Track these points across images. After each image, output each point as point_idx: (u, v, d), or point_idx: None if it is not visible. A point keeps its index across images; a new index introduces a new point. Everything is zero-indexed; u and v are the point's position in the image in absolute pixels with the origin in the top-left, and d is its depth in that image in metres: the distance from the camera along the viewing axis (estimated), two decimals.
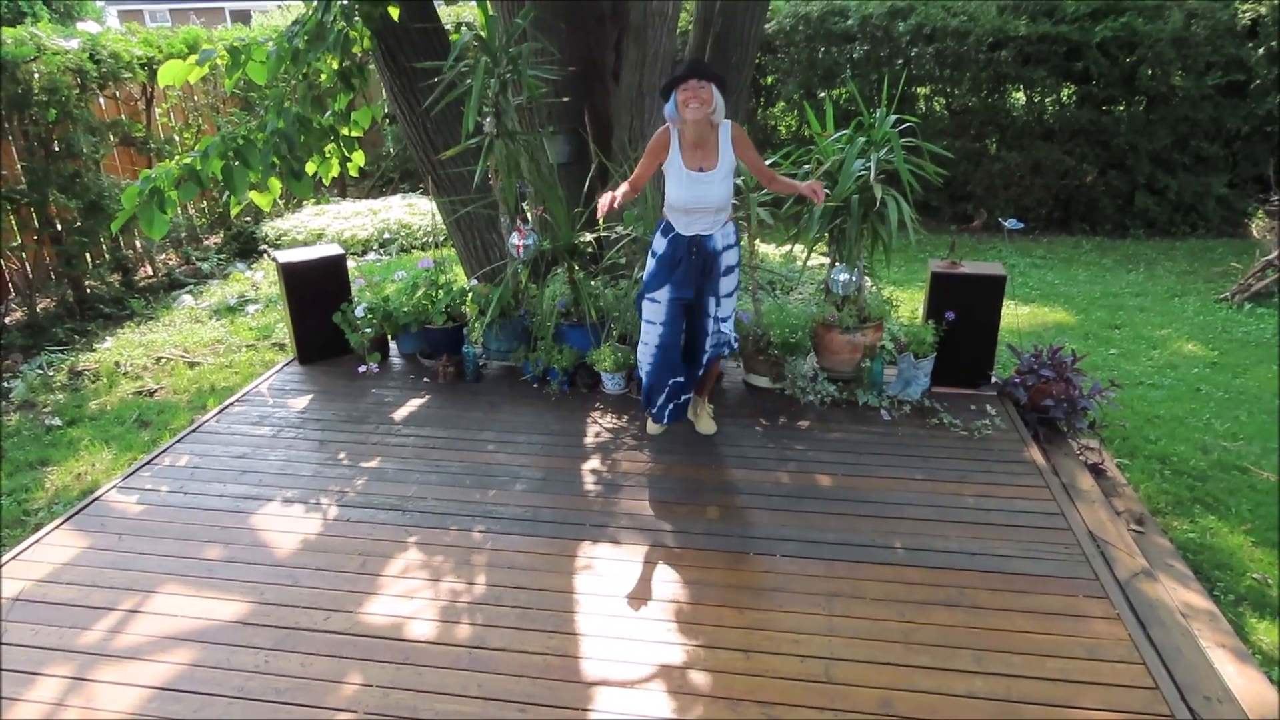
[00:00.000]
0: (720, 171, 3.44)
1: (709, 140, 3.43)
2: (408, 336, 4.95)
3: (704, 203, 3.44)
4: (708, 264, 3.58)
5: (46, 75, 6.19)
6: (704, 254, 3.56)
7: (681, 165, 3.43)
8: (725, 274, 3.64)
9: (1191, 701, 2.41)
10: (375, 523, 3.34)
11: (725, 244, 3.60)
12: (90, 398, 5.25)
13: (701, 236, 3.53)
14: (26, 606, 2.89)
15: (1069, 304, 6.59)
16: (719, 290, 3.65)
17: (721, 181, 3.45)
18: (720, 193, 3.46)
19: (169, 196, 4.10)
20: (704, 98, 3.29)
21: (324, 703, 2.44)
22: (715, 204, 3.46)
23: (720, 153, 3.44)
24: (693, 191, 3.43)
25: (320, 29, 4.29)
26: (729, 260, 3.63)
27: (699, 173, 3.42)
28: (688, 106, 3.29)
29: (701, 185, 3.43)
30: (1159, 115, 8.28)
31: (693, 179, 3.42)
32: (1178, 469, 4.16)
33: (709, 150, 3.44)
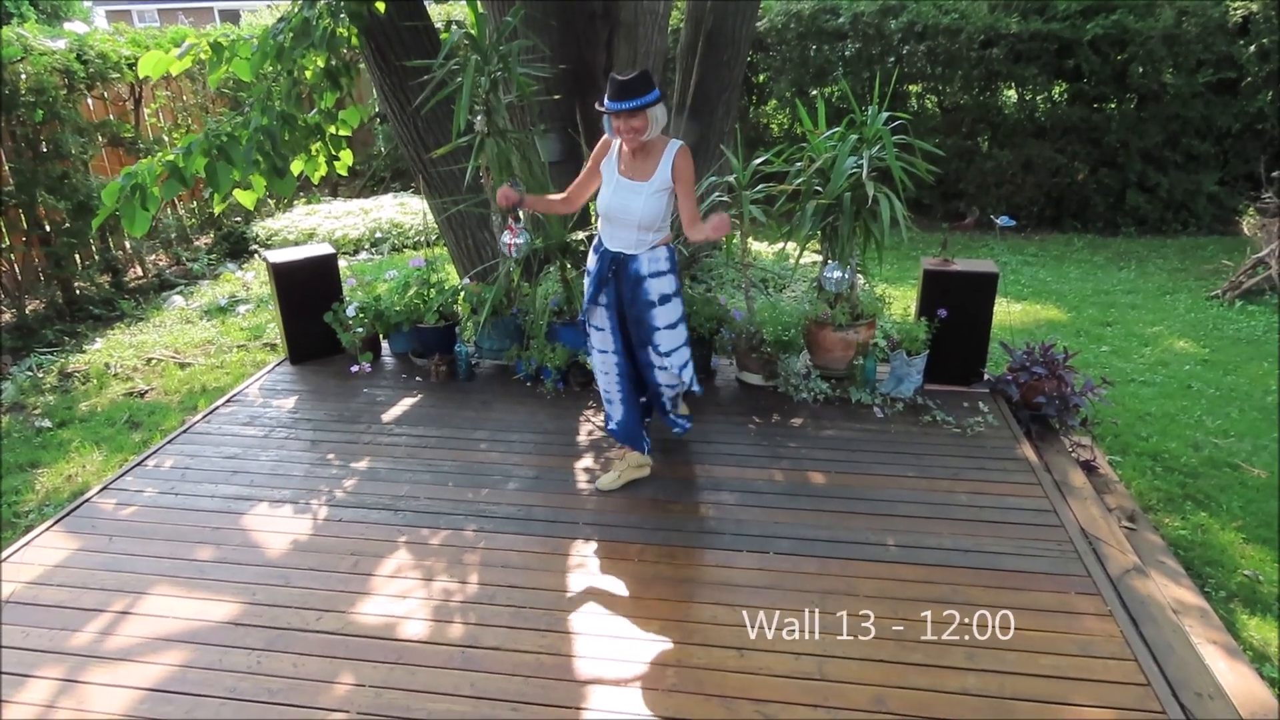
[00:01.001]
0: (651, 185, 3.14)
1: (651, 154, 3.17)
2: (400, 336, 4.94)
3: (627, 213, 3.17)
4: (631, 290, 3.27)
5: (34, 76, 6.15)
6: (626, 277, 3.26)
7: (615, 169, 3.23)
8: (659, 304, 3.27)
9: (1183, 698, 2.42)
10: (367, 522, 3.33)
11: (652, 270, 3.24)
12: (80, 399, 5.22)
13: (624, 256, 3.25)
14: (18, 608, 2.87)
15: (1061, 301, 6.61)
16: (651, 321, 3.29)
17: (650, 196, 3.14)
18: (646, 207, 3.14)
19: (152, 193, 4.07)
20: (637, 127, 3.03)
21: (316, 703, 2.43)
22: (638, 218, 3.16)
23: (658, 169, 3.15)
24: (618, 198, 3.18)
25: (305, 25, 4.27)
26: (660, 289, 3.26)
27: (630, 181, 3.17)
28: (621, 135, 3.10)
29: (628, 194, 3.16)
30: (1150, 113, 8.31)
31: (620, 185, 3.19)
32: (1169, 466, 4.18)
33: (648, 163, 3.16)
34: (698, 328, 4.45)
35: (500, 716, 2.38)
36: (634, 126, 3.02)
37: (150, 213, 4.13)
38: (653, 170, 3.15)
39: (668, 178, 3.14)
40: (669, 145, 3.15)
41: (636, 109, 3.00)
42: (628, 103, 2.98)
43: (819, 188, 4.20)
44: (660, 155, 3.15)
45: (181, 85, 8.37)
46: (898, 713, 2.37)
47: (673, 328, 3.31)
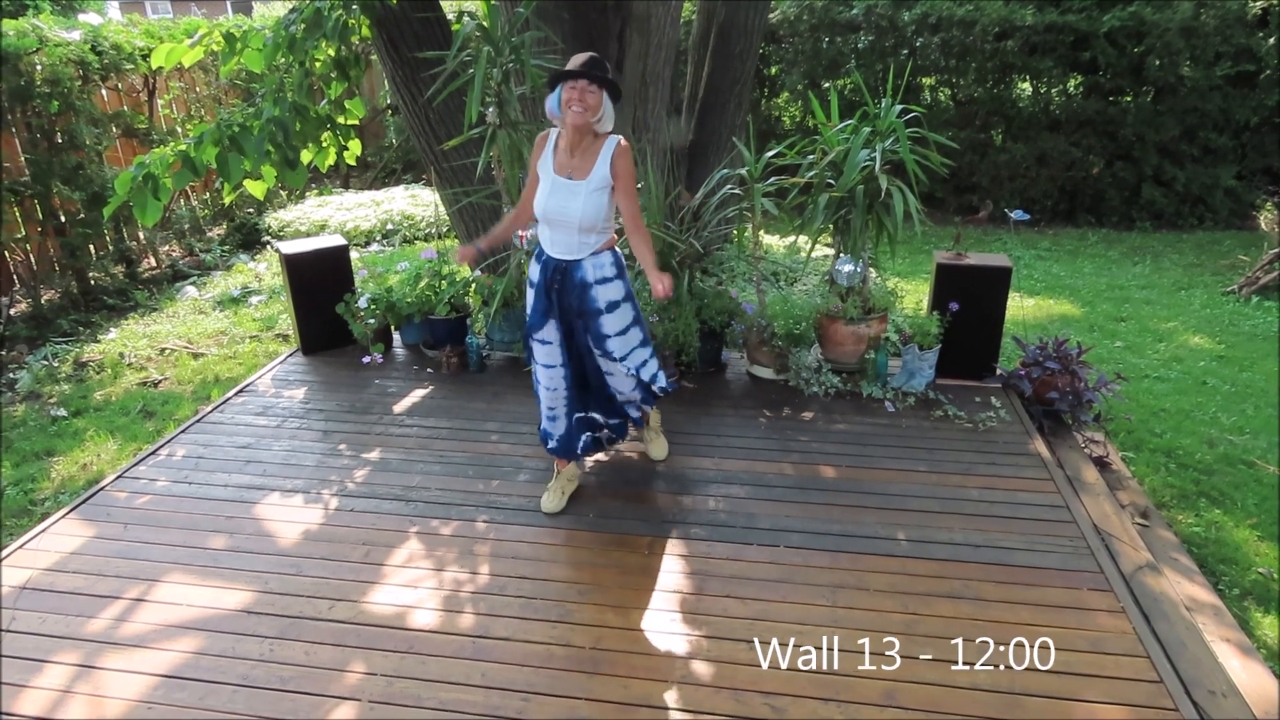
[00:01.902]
0: (590, 184, 2.96)
1: (589, 150, 2.99)
2: (411, 327, 4.95)
3: (565, 214, 2.98)
4: (577, 298, 3.09)
5: (49, 67, 6.18)
6: (570, 284, 3.07)
7: (550, 169, 3.02)
8: (606, 311, 3.10)
9: (1195, 695, 2.40)
10: (379, 513, 3.34)
11: (598, 276, 3.07)
12: (95, 388, 5.25)
13: (567, 263, 3.06)
14: (34, 595, 2.90)
15: (1074, 296, 6.57)
16: (598, 330, 3.11)
17: (590, 195, 2.95)
18: (586, 207, 2.96)
19: (163, 183, 4.09)
20: (590, 103, 2.85)
21: (328, 691, 2.45)
22: (578, 219, 2.97)
23: (596, 166, 2.97)
24: (555, 199, 2.98)
25: (317, 16, 4.28)
26: (607, 295, 3.08)
27: (567, 180, 2.98)
28: (570, 107, 2.85)
29: (564, 194, 2.97)
30: (1167, 106, 8.23)
31: (558, 185, 2.98)
32: (1183, 462, 4.15)
33: (585, 160, 2.98)
34: (709, 320, 4.44)
35: (510, 706, 2.39)
36: (588, 102, 2.85)
37: (162, 202, 4.15)
38: (591, 167, 2.97)
39: (607, 175, 2.97)
40: (608, 140, 2.99)
41: (597, 80, 2.85)
42: (594, 71, 2.84)
43: (831, 181, 4.18)
44: (599, 152, 2.98)
45: (195, 77, 8.40)
46: (908, 707, 2.37)
47: (623, 334, 3.15)
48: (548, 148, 3.06)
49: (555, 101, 2.94)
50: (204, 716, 2.38)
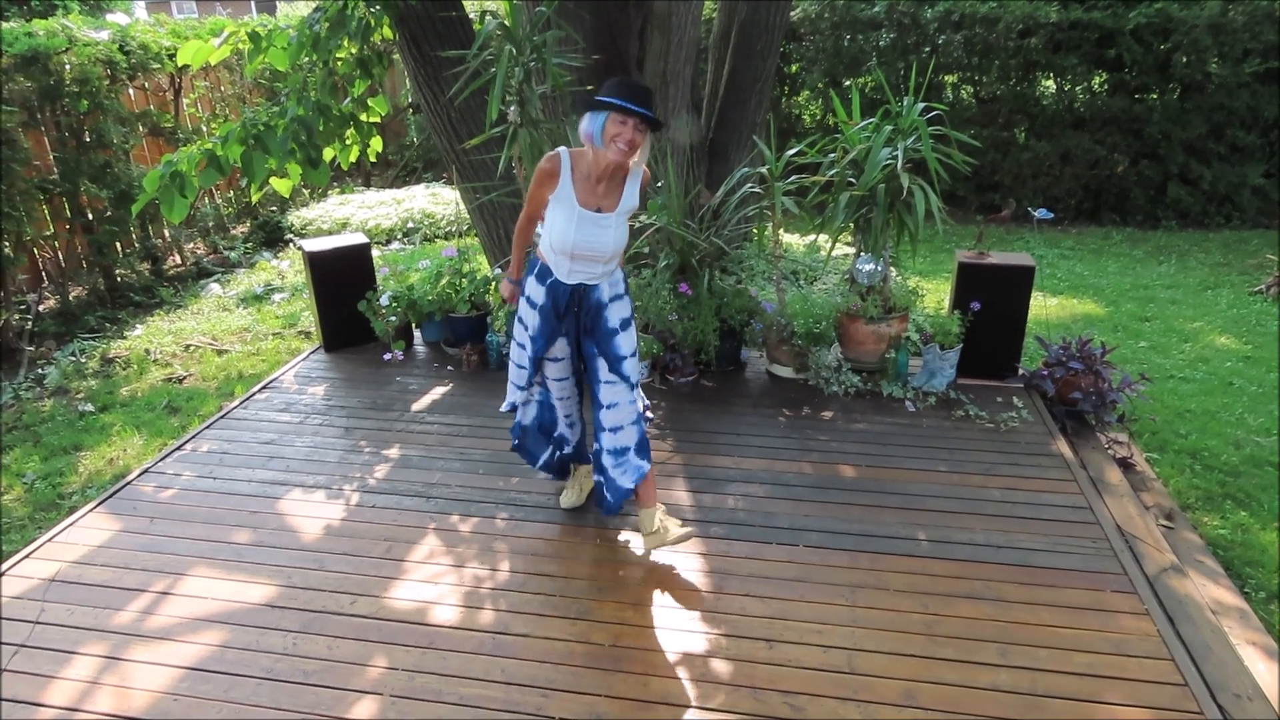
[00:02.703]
0: (620, 216, 2.81)
1: (616, 179, 2.79)
2: (432, 325, 4.98)
3: (596, 249, 2.78)
4: (592, 320, 2.93)
5: (78, 67, 6.27)
6: (587, 307, 2.92)
7: (574, 201, 2.76)
8: (621, 330, 2.94)
9: (1221, 699, 2.38)
10: (400, 509, 3.37)
11: (613, 294, 2.93)
12: (121, 384, 5.33)
13: (585, 287, 2.89)
14: (62, 587, 2.95)
15: (1098, 295, 6.50)
16: (614, 351, 2.93)
17: (619, 226, 2.82)
18: (617, 239, 2.81)
19: (190, 181, 4.14)
20: (638, 143, 2.67)
21: (350, 685, 2.48)
22: (609, 251, 2.81)
23: (624, 195, 2.81)
24: (584, 234, 2.76)
25: (341, 15, 4.31)
26: (620, 313, 2.94)
27: (596, 213, 2.76)
28: (615, 143, 2.62)
29: (596, 229, 2.76)
30: (1194, 104, 8.12)
31: (587, 220, 2.75)
32: (1209, 464, 4.10)
33: (612, 190, 2.79)
34: (728, 319, 4.44)
35: (530, 702, 2.40)
36: (636, 142, 2.65)
37: (189, 200, 4.20)
38: (619, 197, 2.80)
39: (635, 204, 2.84)
40: (633, 171, 2.83)
41: (649, 122, 2.64)
42: (647, 110, 2.61)
43: (852, 179, 4.17)
44: (625, 180, 2.81)
45: (219, 76, 8.49)
46: (927, 707, 2.36)
47: (634, 354, 2.99)
48: (564, 176, 2.76)
49: (598, 130, 2.65)
50: (228, 709, 2.41)
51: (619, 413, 2.96)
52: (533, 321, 2.97)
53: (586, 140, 2.71)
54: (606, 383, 2.94)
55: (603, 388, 2.95)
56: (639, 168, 2.83)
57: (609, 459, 3.00)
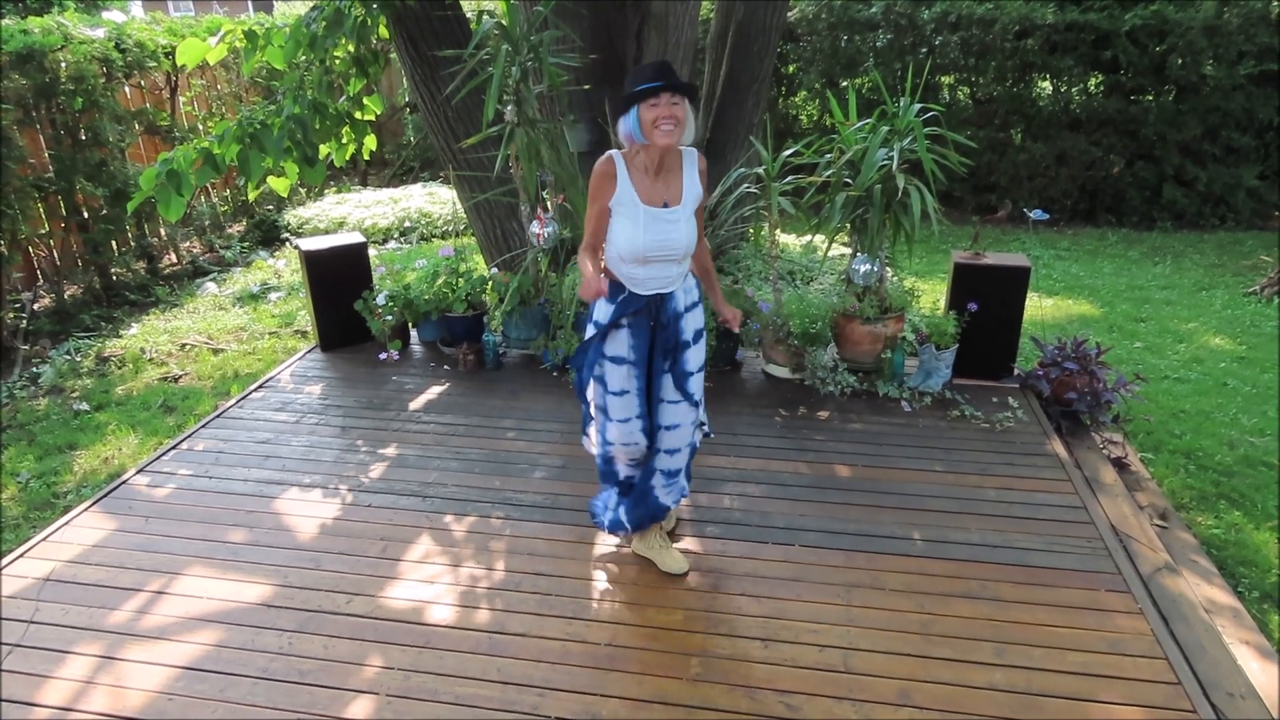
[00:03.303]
0: (687, 207, 2.61)
1: (672, 169, 2.62)
2: (428, 324, 4.98)
3: (670, 248, 2.58)
4: (669, 334, 2.70)
5: (73, 64, 6.25)
6: (664, 320, 2.68)
7: (636, 199, 2.57)
8: (694, 342, 2.74)
9: (1214, 697, 2.39)
10: (396, 508, 3.37)
11: (689, 303, 2.73)
12: (117, 383, 5.32)
13: (660, 296, 2.67)
14: (57, 586, 2.94)
15: (1094, 296, 6.52)
16: (683, 366, 2.73)
17: (688, 220, 2.61)
18: (688, 234, 2.61)
19: (186, 178, 4.14)
20: (680, 116, 2.47)
21: (346, 684, 2.48)
22: (683, 248, 2.61)
23: (686, 183, 2.62)
24: (654, 234, 2.56)
25: (338, 15, 4.31)
26: (694, 324, 2.74)
27: (662, 209, 2.57)
28: (659, 127, 2.44)
29: (666, 225, 2.57)
30: (1189, 105, 8.14)
31: (654, 217, 2.56)
32: (1203, 464, 4.11)
33: (672, 181, 2.61)
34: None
35: (526, 701, 2.40)
36: (676, 115, 2.45)
37: (185, 198, 4.20)
38: (680, 188, 2.62)
39: (698, 190, 2.66)
40: (687, 155, 2.66)
41: (683, 89, 2.46)
42: (676, 81, 2.43)
43: (848, 180, 4.17)
44: (683, 167, 2.64)
45: (216, 74, 8.47)
46: (923, 706, 2.36)
47: (701, 370, 2.81)
48: (620, 177, 2.58)
49: (634, 125, 2.50)
50: (224, 708, 2.41)
51: (680, 434, 2.79)
52: (612, 347, 2.70)
53: (628, 140, 2.57)
54: (671, 403, 2.75)
55: (666, 408, 2.75)
56: (691, 152, 2.66)
57: (659, 479, 2.84)
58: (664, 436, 2.79)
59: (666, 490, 2.87)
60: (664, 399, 2.76)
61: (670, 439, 2.79)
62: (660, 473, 2.84)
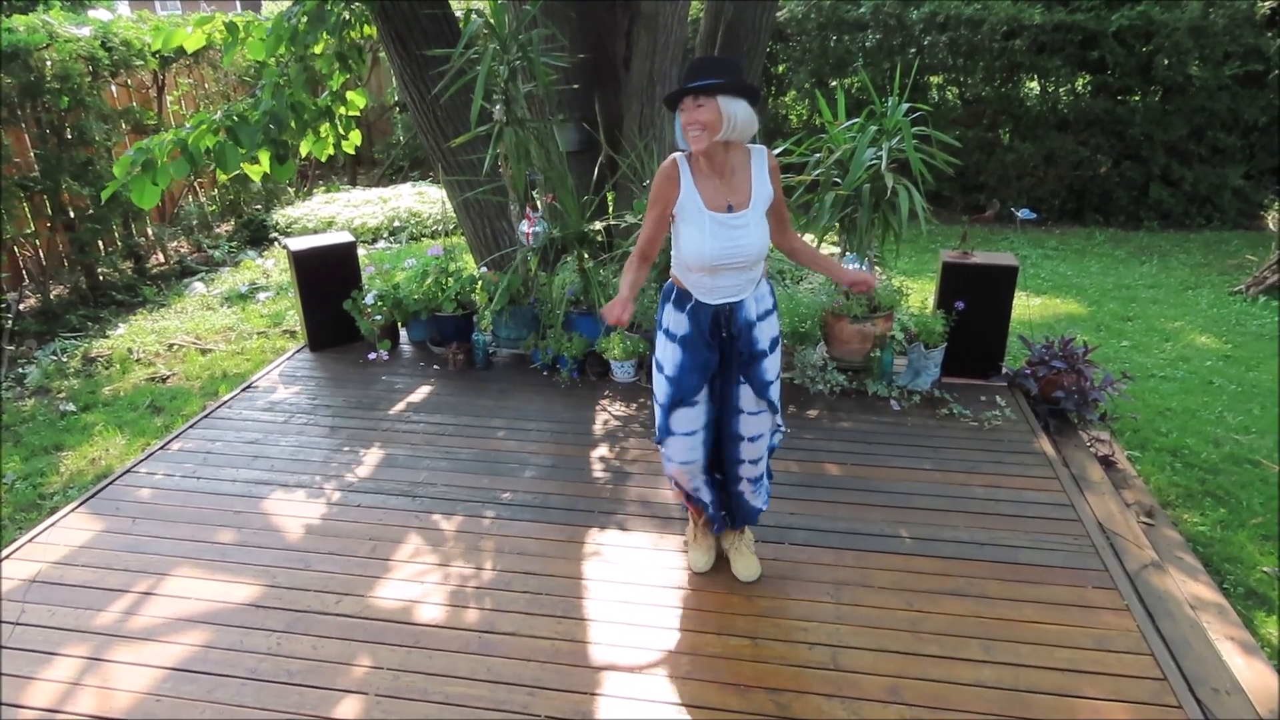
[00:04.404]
0: (756, 210, 2.45)
1: (738, 168, 2.45)
2: (418, 324, 4.97)
3: (739, 255, 2.43)
4: (741, 345, 2.55)
5: (59, 63, 6.21)
6: (736, 330, 2.54)
7: (701, 205, 2.42)
8: (770, 351, 2.61)
9: (1199, 693, 2.41)
10: (385, 508, 3.36)
11: (761, 311, 2.58)
12: (104, 383, 5.29)
13: (729, 305, 2.52)
14: (43, 588, 2.92)
15: (1081, 295, 6.56)
16: (761, 376, 2.59)
17: (758, 224, 2.45)
18: (758, 239, 2.45)
19: (161, 165, 4.11)
20: (706, 120, 2.30)
21: (335, 684, 2.47)
22: (753, 255, 2.45)
23: (754, 184, 2.45)
24: (722, 241, 2.40)
25: (320, 10, 4.31)
26: (770, 332, 2.60)
27: (727, 214, 2.41)
28: (689, 133, 2.34)
29: (733, 231, 2.41)
30: (1175, 105, 8.21)
31: (720, 223, 2.41)
32: (1189, 462, 4.14)
33: (737, 181, 2.44)
34: None
35: (516, 700, 2.40)
36: (699, 120, 2.30)
37: (159, 188, 4.17)
38: (748, 189, 2.44)
39: (768, 190, 2.47)
40: (755, 153, 2.49)
41: (705, 89, 2.28)
42: (697, 81, 2.28)
43: (837, 179, 4.19)
44: (750, 166, 2.46)
45: (204, 73, 8.43)
46: (912, 703, 2.37)
47: (779, 378, 2.67)
48: (684, 181, 2.44)
49: (678, 132, 2.40)
50: (212, 709, 2.39)
51: (760, 445, 2.70)
52: (674, 358, 2.57)
53: (682, 148, 2.45)
54: (751, 414, 2.62)
55: (744, 420, 2.63)
56: (760, 150, 2.50)
57: (747, 486, 2.76)
58: (745, 448, 2.68)
59: (755, 494, 2.80)
60: (743, 409, 2.62)
61: (752, 450, 2.69)
62: (746, 480, 2.76)
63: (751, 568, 2.91)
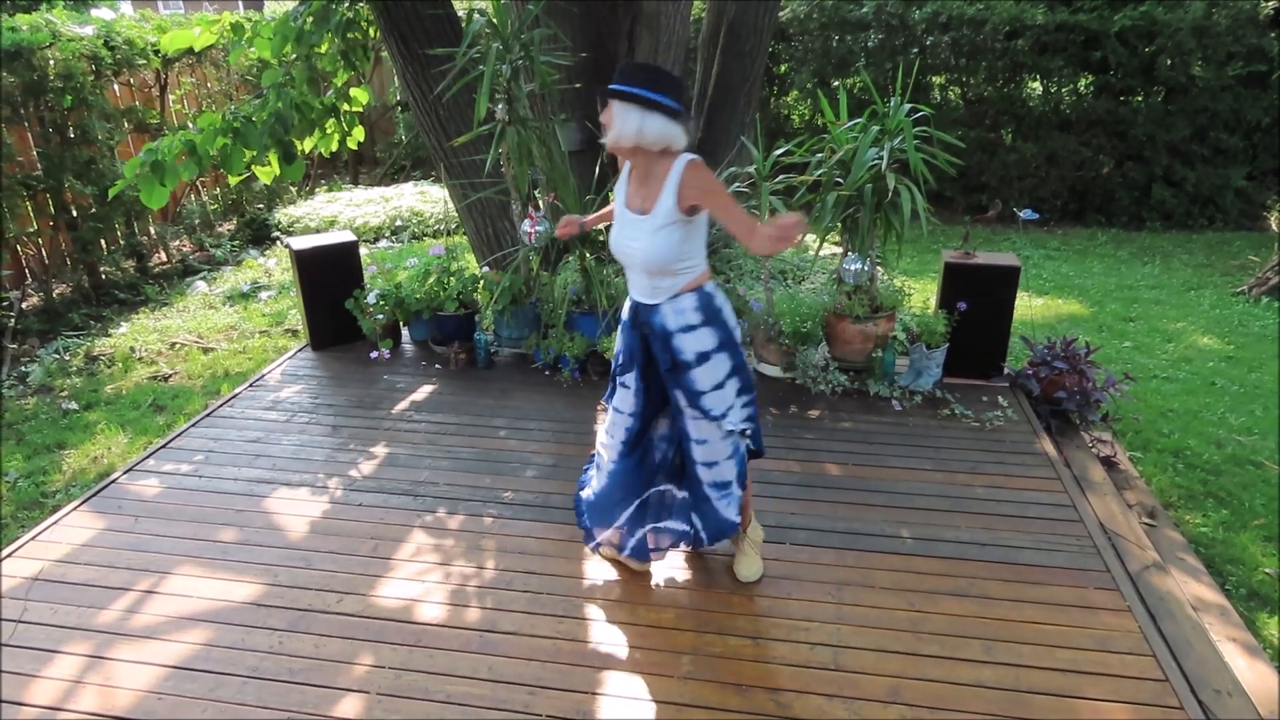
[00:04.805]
0: (655, 219, 2.44)
1: (656, 175, 2.47)
2: (419, 323, 4.97)
3: (629, 255, 2.53)
4: (661, 349, 2.59)
5: (62, 62, 6.22)
6: (652, 332, 2.60)
7: (623, 199, 2.58)
8: (696, 364, 2.55)
9: (1201, 695, 2.41)
10: (387, 507, 3.36)
11: (680, 325, 2.54)
12: (106, 382, 5.29)
13: (644, 306, 2.60)
14: (46, 585, 2.93)
15: (1083, 296, 6.55)
16: (689, 385, 2.57)
17: (654, 233, 2.44)
18: (650, 247, 2.45)
19: (170, 166, 4.13)
20: (603, 120, 2.43)
21: (336, 683, 2.47)
22: (641, 260, 2.49)
23: (662, 195, 2.43)
24: (621, 236, 2.55)
25: (325, 10, 4.32)
26: (695, 345, 2.55)
27: (632, 214, 2.52)
28: None
29: (630, 230, 2.51)
30: (1178, 106, 8.19)
31: (624, 219, 2.55)
32: (1191, 463, 4.14)
33: (652, 189, 2.47)
34: None
35: (517, 700, 2.40)
36: (602, 119, 2.43)
37: (168, 188, 4.18)
38: (656, 198, 2.45)
39: (672, 206, 2.42)
40: (675, 162, 2.44)
41: (618, 93, 2.37)
42: (613, 85, 2.38)
43: (839, 179, 4.19)
44: (665, 178, 2.44)
45: (206, 72, 8.44)
46: (913, 703, 2.37)
47: (720, 387, 2.59)
48: (623, 174, 2.62)
49: None
50: (214, 707, 2.40)
51: (711, 449, 2.67)
52: (619, 339, 2.77)
53: None
54: (692, 418, 2.64)
55: (688, 421, 2.65)
56: (679, 162, 2.44)
57: (712, 490, 2.72)
58: (696, 450, 2.68)
59: (724, 502, 2.73)
60: (683, 411, 2.64)
61: (703, 452, 2.68)
62: (709, 485, 2.71)
63: (753, 568, 2.90)
